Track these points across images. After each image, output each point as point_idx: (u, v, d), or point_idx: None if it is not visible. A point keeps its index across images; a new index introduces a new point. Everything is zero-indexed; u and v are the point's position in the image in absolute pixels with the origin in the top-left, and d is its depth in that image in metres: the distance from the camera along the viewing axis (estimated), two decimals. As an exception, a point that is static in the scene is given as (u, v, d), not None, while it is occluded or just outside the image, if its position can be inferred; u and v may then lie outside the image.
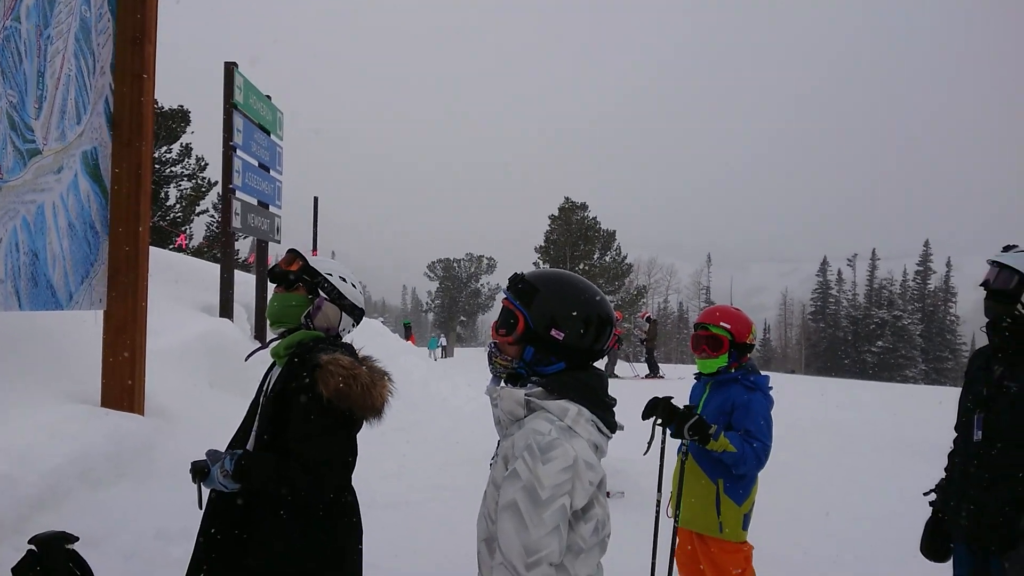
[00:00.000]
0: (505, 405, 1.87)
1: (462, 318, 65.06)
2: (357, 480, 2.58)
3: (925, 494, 3.32)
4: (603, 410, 1.90)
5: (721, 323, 3.63)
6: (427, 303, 73.89)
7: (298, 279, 2.53)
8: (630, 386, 15.71)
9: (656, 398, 3.64)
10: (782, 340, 75.84)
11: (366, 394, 2.33)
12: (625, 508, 5.63)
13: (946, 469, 3.23)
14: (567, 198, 47.07)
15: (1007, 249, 3.05)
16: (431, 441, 8.06)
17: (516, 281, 1.96)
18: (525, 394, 1.85)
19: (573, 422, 1.80)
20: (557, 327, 1.87)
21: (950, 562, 3.13)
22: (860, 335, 58.88)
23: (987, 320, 3.03)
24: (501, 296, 2.00)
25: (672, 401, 3.64)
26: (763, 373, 3.71)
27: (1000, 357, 2.98)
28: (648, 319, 22.17)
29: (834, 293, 65.45)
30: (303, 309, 2.51)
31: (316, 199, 15.42)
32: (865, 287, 64.28)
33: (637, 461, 6.89)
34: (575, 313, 1.88)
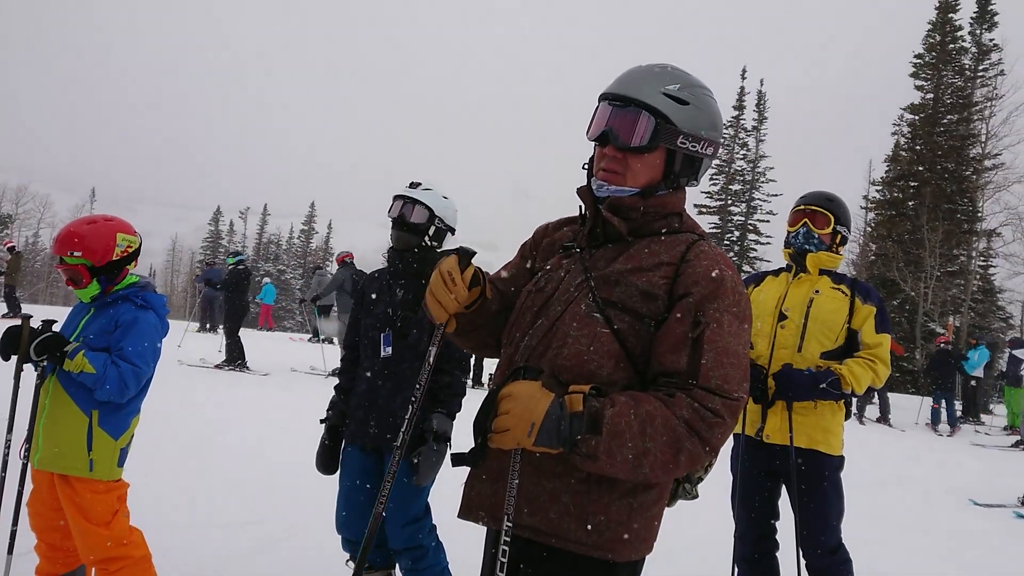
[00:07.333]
0: None
1: None
2: None
3: (322, 421, 3.44)
4: None
5: (71, 253, 2.98)
6: None
7: None
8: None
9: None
10: (168, 286, 73.19)
11: None
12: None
13: (337, 388, 3.42)
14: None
15: (413, 186, 3.37)
16: None
17: None
18: None
19: None
20: None
21: None
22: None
23: (392, 247, 3.34)
24: None
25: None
26: (160, 294, 3.28)
27: (402, 282, 3.33)
28: (12, 249, 18.72)
29: (225, 243, 66.00)
30: None
31: None
32: (255, 240, 66.45)
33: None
34: None
